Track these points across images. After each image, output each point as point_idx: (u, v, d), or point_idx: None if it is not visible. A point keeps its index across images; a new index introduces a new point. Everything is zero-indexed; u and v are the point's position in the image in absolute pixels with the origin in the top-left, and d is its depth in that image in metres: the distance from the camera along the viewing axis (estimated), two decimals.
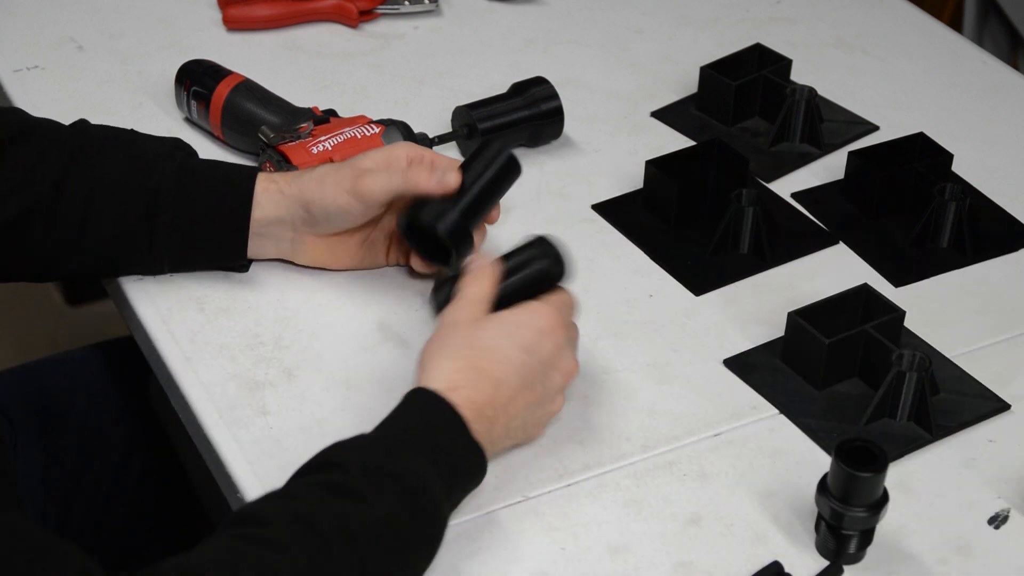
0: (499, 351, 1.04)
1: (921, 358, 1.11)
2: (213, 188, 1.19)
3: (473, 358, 1.03)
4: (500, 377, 1.03)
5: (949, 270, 1.30)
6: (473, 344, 1.04)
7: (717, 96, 1.46)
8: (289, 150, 1.29)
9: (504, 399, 1.04)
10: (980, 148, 1.46)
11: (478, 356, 1.04)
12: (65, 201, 1.17)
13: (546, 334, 1.06)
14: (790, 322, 1.17)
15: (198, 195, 1.18)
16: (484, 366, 1.03)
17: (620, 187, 1.38)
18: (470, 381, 1.02)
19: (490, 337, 1.05)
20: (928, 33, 1.66)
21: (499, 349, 1.04)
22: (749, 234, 1.29)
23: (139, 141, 1.22)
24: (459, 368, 1.03)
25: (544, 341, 1.06)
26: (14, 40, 1.55)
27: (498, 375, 1.03)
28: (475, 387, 1.02)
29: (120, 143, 1.21)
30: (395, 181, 1.16)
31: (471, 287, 1.08)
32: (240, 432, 1.10)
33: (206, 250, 1.20)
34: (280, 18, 1.58)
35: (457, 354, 1.04)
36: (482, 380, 1.03)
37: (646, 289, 1.26)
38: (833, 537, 1.01)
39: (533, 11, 1.65)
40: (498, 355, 1.04)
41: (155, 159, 1.20)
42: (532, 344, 1.05)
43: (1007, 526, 1.06)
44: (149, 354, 1.20)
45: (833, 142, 1.45)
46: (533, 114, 1.39)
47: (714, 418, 1.14)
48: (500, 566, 1.01)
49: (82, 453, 1.40)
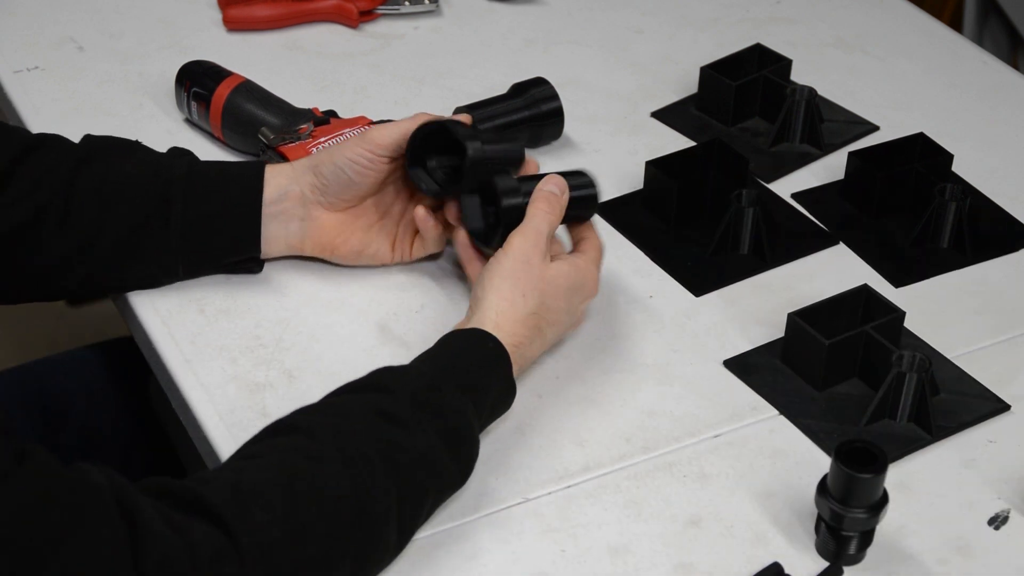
0: (556, 312, 1.13)
1: (921, 359, 1.11)
2: (224, 178, 1.20)
3: (538, 317, 1.12)
4: (547, 334, 1.14)
5: (949, 270, 1.30)
6: (543, 301, 1.12)
7: (717, 96, 1.46)
8: (289, 151, 1.29)
9: (539, 345, 1.14)
10: (980, 148, 1.46)
11: (542, 315, 1.12)
12: (78, 200, 1.17)
13: (587, 298, 1.17)
14: (790, 323, 1.17)
15: (210, 185, 1.19)
16: (542, 325, 1.13)
17: (620, 187, 1.38)
18: (527, 339, 1.11)
19: (554, 297, 1.13)
20: (928, 33, 1.66)
21: (557, 311, 1.13)
22: (749, 234, 1.29)
23: (144, 148, 1.23)
24: (524, 321, 1.11)
25: (583, 304, 1.17)
26: (14, 40, 1.55)
27: (547, 333, 1.14)
28: (530, 343, 1.12)
29: (127, 149, 1.22)
30: (403, 126, 1.19)
31: (542, 219, 1.14)
32: (240, 434, 1.10)
33: (220, 241, 1.20)
34: (280, 18, 1.58)
35: (526, 304, 1.11)
36: (536, 337, 1.12)
37: (646, 289, 1.26)
38: (833, 538, 1.01)
39: (533, 11, 1.65)
40: (554, 316, 1.13)
41: (163, 158, 1.21)
42: (576, 307, 1.16)
43: (1007, 526, 1.06)
44: (150, 356, 1.20)
45: (833, 142, 1.45)
46: (533, 115, 1.39)
47: (714, 419, 1.14)
48: (500, 568, 1.01)
49: (82, 453, 1.39)
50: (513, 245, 1.13)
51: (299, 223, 1.21)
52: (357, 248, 1.23)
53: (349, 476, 0.96)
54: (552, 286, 1.13)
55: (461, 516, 1.05)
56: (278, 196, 1.20)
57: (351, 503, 0.95)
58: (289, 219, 1.21)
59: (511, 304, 1.11)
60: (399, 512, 0.98)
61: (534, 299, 1.11)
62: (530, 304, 1.11)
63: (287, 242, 1.22)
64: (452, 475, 1.03)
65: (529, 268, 1.12)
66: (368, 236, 1.23)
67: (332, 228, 1.22)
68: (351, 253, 1.23)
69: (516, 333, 1.10)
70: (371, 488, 0.96)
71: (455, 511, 1.05)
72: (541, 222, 1.14)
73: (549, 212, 1.15)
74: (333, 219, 1.22)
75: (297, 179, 1.20)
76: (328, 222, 1.22)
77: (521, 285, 1.11)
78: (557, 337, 1.16)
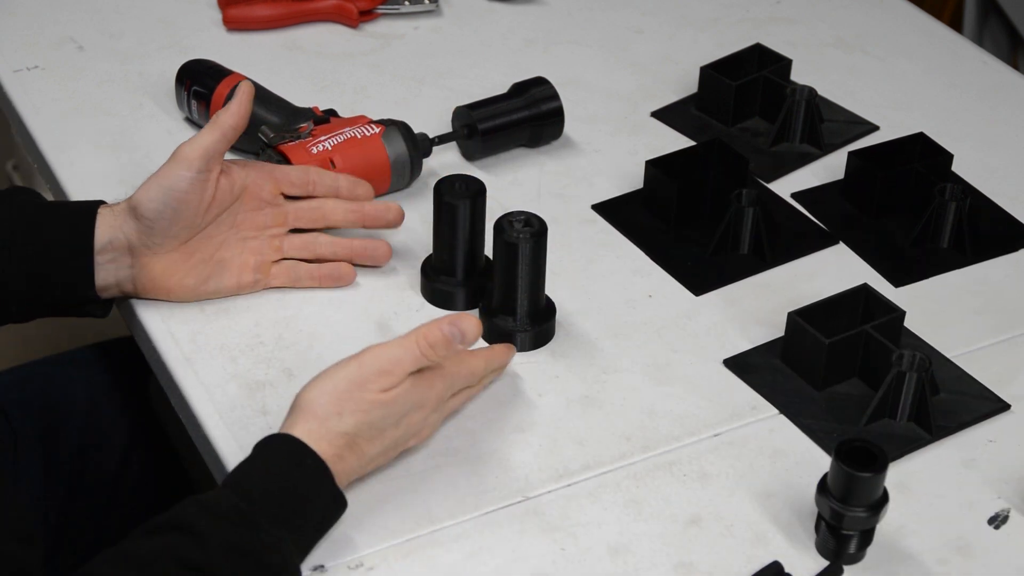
0: (375, 430, 1.03)
1: (921, 358, 1.11)
2: (55, 221, 1.15)
3: (354, 436, 1.02)
4: (367, 451, 1.04)
5: (949, 270, 1.30)
6: (363, 423, 1.03)
7: (717, 96, 1.46)
8: (289, 150, 1.29)
9: (356, 462, 1.04)
10: (980, 148, 1.46)
11: (360, 434, 1.03)
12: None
13: (417, 410, 1.06)
14: (790, 322, 1.17)
15: (40, 230, 1.14)
16: (360, 443, 1.03)
17: (620, 187, 1.38)
18: (342, 454, 1.02)
19: (380, 422, 1.03)
20: (928, 33, 1.66)
21: (376, 427, 1.03)
22: (749, 234, 1.29)
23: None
24: (335, 440, 1.02)
25: (427, 417, 1.07)
26: (14, 40, 1.55)
27: (367, 449, 1.04)
28: (345, 459, 1.02)
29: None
30: (206, 134, 1.14)
31: (411, 352, 1.04)
32: (240, 432, 1.10)
33: (52, 283, 1.15)
34: (280, 18, 1.58)
35: (341, 424, 1.02)
36: (350, 455, 1.03)
37: (646, 289, 1.26)
38: (833, 537, 1.01)
39: (533, 11, 1.65)
40: (372, 433, 1.03)
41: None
42: (413, 422, 1.06)
43: (1007, 526, 1.06)
44: (149, 355, 1.20)
45: (833, 142, 1.45)
46: (533, 114, 1.39)
47: (714, 418, 1.14)
48: (500, 566, 1.01)
49: (82, 453, 1.40)
50: (364, 360, 1.04)
51: (129, 270, 1.16)
52: (192, 285, 1.18)
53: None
54: (381, 412, 1.03)
55: (461, 515, 1.05)
56: (101, 246, 1.14)
57: None
58: (119, 267, 1.16)
59: (321, 421, 1.02)
60: None
61: (351, 421, 1.02)
62: (345, 424, 1.02)
63: (120, 288, 1.18)
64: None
65: (362, 391, 1.03)
66: (205, 270, 1.18)
67: (162, 272, 1.17)
68: (187, 291, 1.19)
69: (334, 445, 1.02)
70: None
71: (455, 510, 1.05)
72: (407, 354, 1.04)
73: (424, 355, 1.04)
74: (163, 262, 1.16)
75: (121, 227, 1.15)
76: (157, 267, 1.16)
77: (344, 404, 1.02)
78: (386, 453, 1.06)
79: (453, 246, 1.20)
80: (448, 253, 1.20)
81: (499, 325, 1.18)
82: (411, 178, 1.34)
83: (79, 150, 1.39)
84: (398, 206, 1.23)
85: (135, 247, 1.15)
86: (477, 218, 1.19)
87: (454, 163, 1.40)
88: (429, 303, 1.22)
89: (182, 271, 1.18)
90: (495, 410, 1.13)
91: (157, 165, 1.30)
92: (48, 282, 1.15)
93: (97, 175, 1.36)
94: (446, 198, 1.18)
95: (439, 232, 1.20)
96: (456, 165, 1.39)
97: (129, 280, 1.17)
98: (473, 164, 1.40)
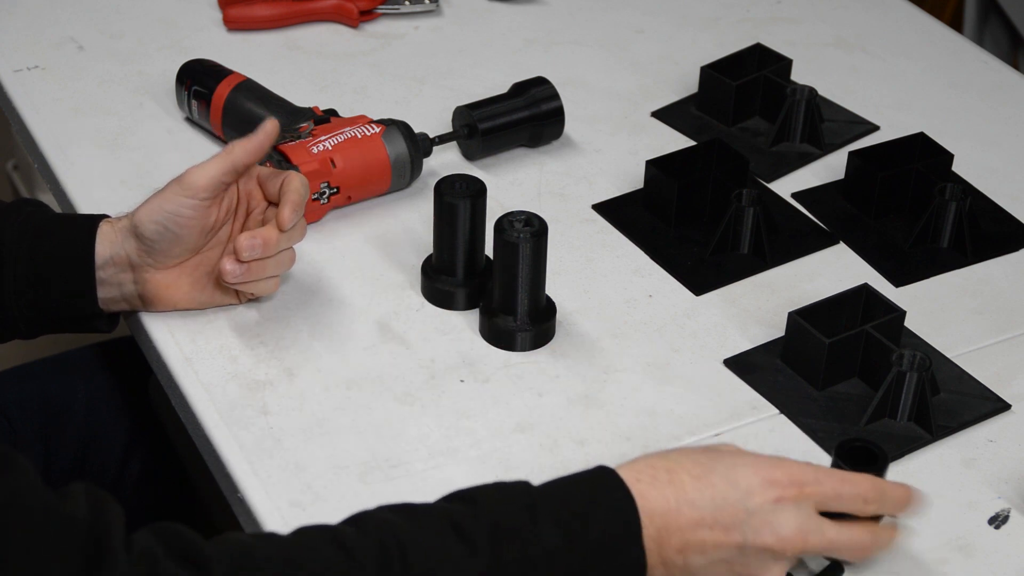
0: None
1: (921, 358, 1.11)
2: (57, 236, 1.15)
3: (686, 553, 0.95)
4: (692, 497, 0.95)
5: (949, 270, 1.30)
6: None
7: (717, 96, 1.46)
8: (289, 150, 1.29)
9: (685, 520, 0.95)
10: (980, 148, 1.46)
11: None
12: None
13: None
14: (790, 322, 1.17)
15: (42, 245, 1.14)
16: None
17: (620, 187, 1.38)
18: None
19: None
20: (928, 33, 1.66)
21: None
22: (749, 234, 1.29)
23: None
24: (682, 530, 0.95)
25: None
26: (14, 40, 1.55)
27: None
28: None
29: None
30: (215, 164, 1.13)
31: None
32: (240, 432, 1.10)
33: (56, 300, 1.15)
34: (280, 18, 1.58)
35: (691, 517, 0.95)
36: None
37: (646, 289, 1.26)
38: None
39: (533, 11, 1.65)
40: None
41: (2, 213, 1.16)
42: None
43: (1007, 526, 1.06)
44: (149, 354, 1.20)
45: (833, 142, 1.45)
46: (534, 114, 1.39)
47: (714, 418, 1.14)
48: None
49: (82, 453, 1.40)
50: (778, 475, 0.96)
51: (132, 286, 1.16)
52: (201, 300, 1.19)
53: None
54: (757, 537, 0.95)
55: None
56: (102, 263, 1.14)
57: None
58: (121, 284, 1.16)
59: (676, 509, 0.94)
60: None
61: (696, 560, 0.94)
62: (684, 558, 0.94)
63: (129, 304, 1.18)
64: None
65: (747, 501, 0.95)
66: (211, 282, 1.18)
67: (167, 286, 1.17)
68: (195, 303, 1.19)
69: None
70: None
71: None
72: None
73: None
74: (166, 277, 1.16)
75: (122, 243, 1.14)
76: (161, 281, 1.16)
77: (722, 510, 0.94)
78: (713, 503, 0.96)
79: (453, 246, 1.20)
80: (448, 253, 1.20)
81: (499, 325, 1.18)
82: (411, 178, 1.34)
83: (79, 150, 1.39)
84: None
85: (136, 264, 1.16)
86: (477, 218, 1.19)
87: (454, 163, 1.40)
88: (429, 303, 1.22)
89: (187, 284, 1.17)
90: (495, 410, 1.13)
91: (157, 165, 1.31)
92: (51, 298, 1.15)
93: (97, 175, 1.36)
94: (446, 198, 1.18)
95: (439, 232, 1.20)
96: (456, 165, 1.39)
97: (135, 295, 1.17)
98: (473, 164, 1.40)
